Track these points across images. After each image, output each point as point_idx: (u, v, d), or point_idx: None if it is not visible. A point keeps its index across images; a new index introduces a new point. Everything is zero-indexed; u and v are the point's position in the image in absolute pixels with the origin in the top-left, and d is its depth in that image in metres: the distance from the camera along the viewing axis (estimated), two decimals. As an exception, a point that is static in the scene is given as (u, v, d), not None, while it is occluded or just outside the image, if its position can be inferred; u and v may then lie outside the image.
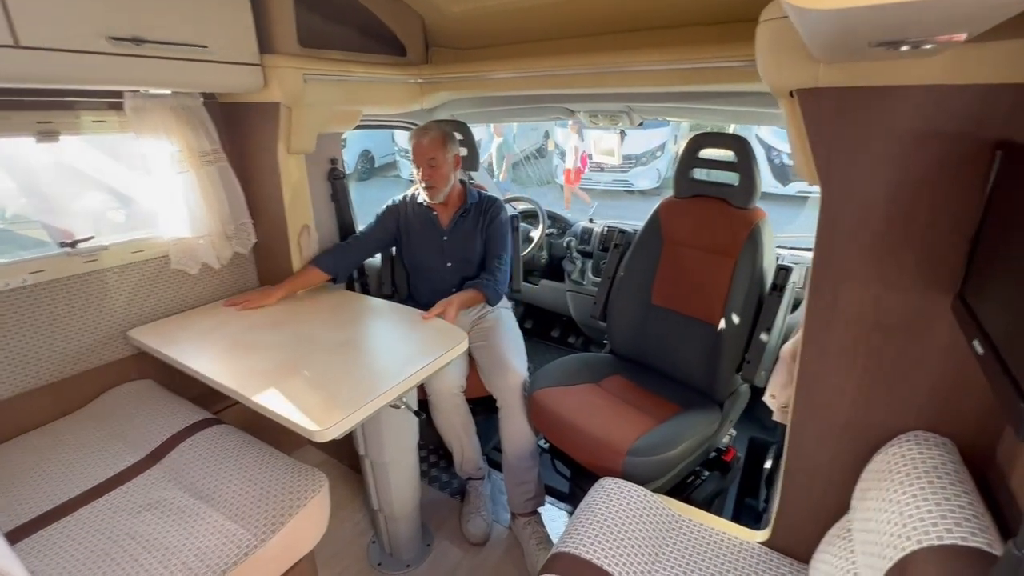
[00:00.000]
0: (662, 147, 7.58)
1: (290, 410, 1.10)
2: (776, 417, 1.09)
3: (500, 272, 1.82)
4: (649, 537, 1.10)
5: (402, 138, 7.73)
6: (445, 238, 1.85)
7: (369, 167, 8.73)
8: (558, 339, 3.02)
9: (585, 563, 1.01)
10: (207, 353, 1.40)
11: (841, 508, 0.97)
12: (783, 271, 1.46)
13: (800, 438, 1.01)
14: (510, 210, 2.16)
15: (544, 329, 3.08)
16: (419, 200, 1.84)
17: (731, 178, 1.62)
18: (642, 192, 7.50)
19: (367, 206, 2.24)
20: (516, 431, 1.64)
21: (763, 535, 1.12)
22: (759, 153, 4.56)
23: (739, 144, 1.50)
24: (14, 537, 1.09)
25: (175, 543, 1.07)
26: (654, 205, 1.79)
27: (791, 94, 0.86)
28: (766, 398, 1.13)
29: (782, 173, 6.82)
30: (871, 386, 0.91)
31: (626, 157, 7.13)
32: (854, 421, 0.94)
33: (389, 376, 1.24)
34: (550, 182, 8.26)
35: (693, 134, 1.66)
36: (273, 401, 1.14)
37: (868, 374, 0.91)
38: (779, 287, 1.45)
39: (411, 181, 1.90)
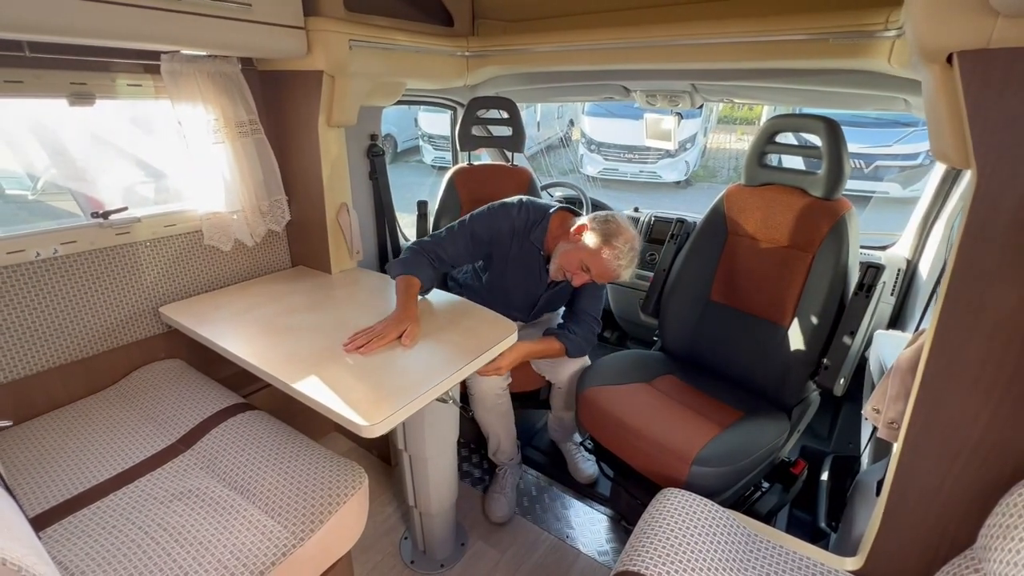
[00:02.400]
0: (692, 139, 7.31)
1: (336, 402, 1.02)
2: (882, 434, 0.97)
3: (587, 326, 1.56)
4: (724, 559, 0.99)
5: (426, 123, 7.58)
6: (544, 292, 1.62)
7: (392, 151, 8.65)
8: None
9: (656, 584, 0.91)
10: (243, 335, 1.33)
11: (961, 541, 0.85)
12: (873, 269, 1.32)
13: (913, 458, 0.89)
14: (547, 198, 2.02)
15: None
16: (537, 244, 1.52)
17: (809, 165, 1.47)
18: (675, 183, 7.26)
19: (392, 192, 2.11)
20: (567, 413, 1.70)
21: (853, 563, 1.00)
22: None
23: (828, 126, 1.35)
24: (42, 522, 1.03)
25: (209, 537, 0.99)
26: (679, 197, 1.65)
27: (948, 59, 0.72)
28: (866, 411, 1.01)
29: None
30: (1013, 405, 0.78)
31: (656, 149, 6.90)
32: (988, 444, 0.81)
33: (436, 368, 1.15)
34: (573, 171, 8.07)
35: (772, 118, 1.51)
36: (317, 391, 1.06)
37: (1013, 392, 0.78)
38: (867, 287, 1.31)
39: (434, 167, 1.77)
